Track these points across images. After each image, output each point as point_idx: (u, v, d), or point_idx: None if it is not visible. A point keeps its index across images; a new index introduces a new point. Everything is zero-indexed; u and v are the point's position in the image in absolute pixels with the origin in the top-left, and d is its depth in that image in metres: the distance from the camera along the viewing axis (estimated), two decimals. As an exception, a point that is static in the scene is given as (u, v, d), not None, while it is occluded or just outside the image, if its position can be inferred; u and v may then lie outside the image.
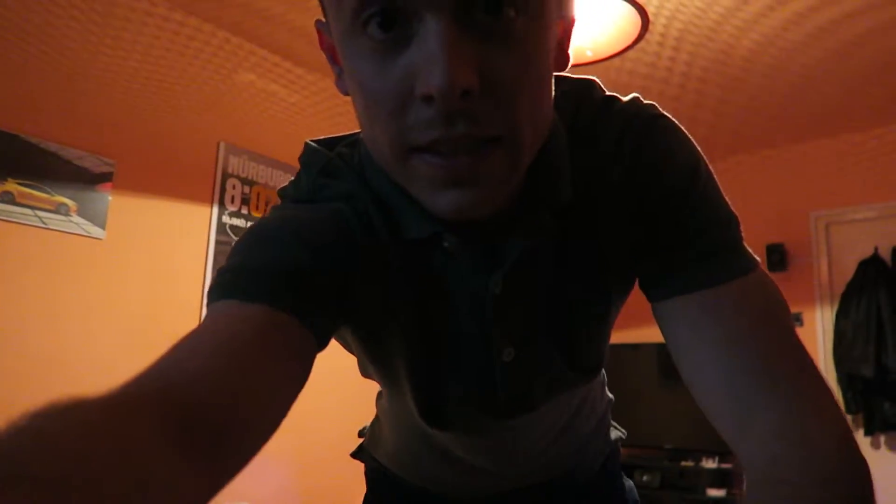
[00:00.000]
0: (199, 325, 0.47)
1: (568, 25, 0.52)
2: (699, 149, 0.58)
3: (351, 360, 0.90)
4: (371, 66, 0.43)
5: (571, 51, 0.53)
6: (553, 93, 0.51)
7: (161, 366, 0.43)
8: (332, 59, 0.52)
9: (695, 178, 0.56)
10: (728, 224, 0.56)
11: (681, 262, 0.54)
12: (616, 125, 0.55)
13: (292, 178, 0.64)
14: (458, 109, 0.41)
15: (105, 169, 2.46)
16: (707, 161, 0.58)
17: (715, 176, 0.59)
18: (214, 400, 0.39)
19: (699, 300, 0.53)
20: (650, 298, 0.57)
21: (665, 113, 0.58)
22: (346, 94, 0.50)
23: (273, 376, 0.44)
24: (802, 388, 0.49)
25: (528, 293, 0.57)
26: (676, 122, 0.58)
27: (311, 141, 0.66)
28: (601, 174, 0.55)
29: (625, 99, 0.58)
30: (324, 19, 0.50)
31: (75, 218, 2.37)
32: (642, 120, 0.56)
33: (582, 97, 0.57)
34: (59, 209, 2.33)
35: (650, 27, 2.72)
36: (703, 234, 0.54)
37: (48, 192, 2.31)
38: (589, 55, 2.89)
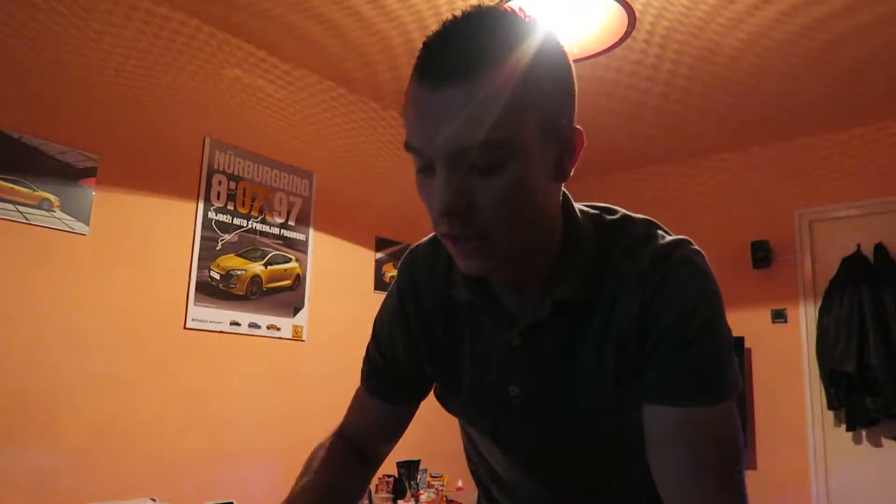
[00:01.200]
0: (358, 396, 0.96)
1: (567, 145, 0.71)
2: (715, 297, 0.74)
3: (340, 363, 1.01)
4: (424, 187, 0.70)
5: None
6: (554, 199, 0.74)
7: (345, 423, 0.96)
8: None
9: (697, 324, 0.71)
10: (712, 367, 0.71)
11: (663, 382, 0.71)
12: (651, 256, 0.74)
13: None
14: (452, 222, 0.66)
15: (88, 164, 2.43)
16: (719, 310, 0.73)
17: (720, 324, 0.73)
18: (360, 442, 0.94)
19: (670, 415, 0.70)
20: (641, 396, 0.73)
21: (697, 259, 0.76)
22: None
23: (380, 433, 0.95)
24: None
25: (538, 351, 0.77)
26: (704, 267, 0.76)
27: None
28: (625, 290, 0.73)
29: (669, 237, 0.77)
30: None
31: (58, 213, 2.34)
32: (674, 261, 0.74)
33: (625, 229, 0.78)
34: (41, 204, 2.30)
35: (637, 25, 2.73)
36: (689, 367, 0.70)
37: (30, 188, 2.28)
38: (576, 52, 2.90)
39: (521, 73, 0.64)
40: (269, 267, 3.00)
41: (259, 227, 2.99)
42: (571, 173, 0.72)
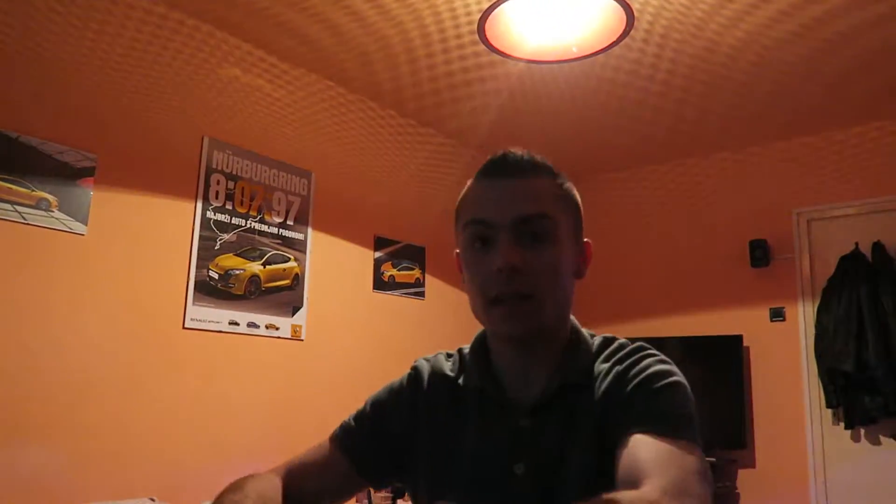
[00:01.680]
0: (318, 445, 0.98)
1: (584, 253, 0.92)
2: (681, 380, 0.85)
3: (339, 362, 0.99)
4: (477, 259, 0.86)
5: (561, 44, 0.73)
6: (572, 291, 0.89)
7: (291, 464, 0.96)
8: (461, 270, 0.93)
9: (664, 383, 0.82)
10: (681, 410, 0.81)
11: (634, 416, 0.79)
12: (628, 349, 0.90)
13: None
14: (510, 276, 0.82)
15: (87, 163, 2.43)
16: (685, 387, 0.85)
17: (687, 393, 0.85)
18: (294, 483, 0.93)
19: (637, 440, 0.76)
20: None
21: (664, 356, 0.88)
22: (461, 271, 0.92)
23: (320, 484, 0.95)
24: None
25: (543, 430, 0.85)
26: (672, 363, 0.87)
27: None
28: (611, 377, 0.86)
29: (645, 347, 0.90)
30: (457, 253, 0.94)
31: (56, 213, 2.34)
32: (646, 350, 0.88)
33: (614, 340, 0.93)
34: (39, 204, 2.30)
35: (635, 24, 2.73)
36: (659, 405, 0.80)
37: (28, 188, 2.28)
38: (574, 51, 2.90)
39: (561, 183, 0.90)
40: (267, 266, 3.00)
41: (257, 226, 2.98)
42: (585, 275, 0.92)
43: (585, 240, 0.93)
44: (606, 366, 0.88)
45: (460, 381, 0.94)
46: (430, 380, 0.96)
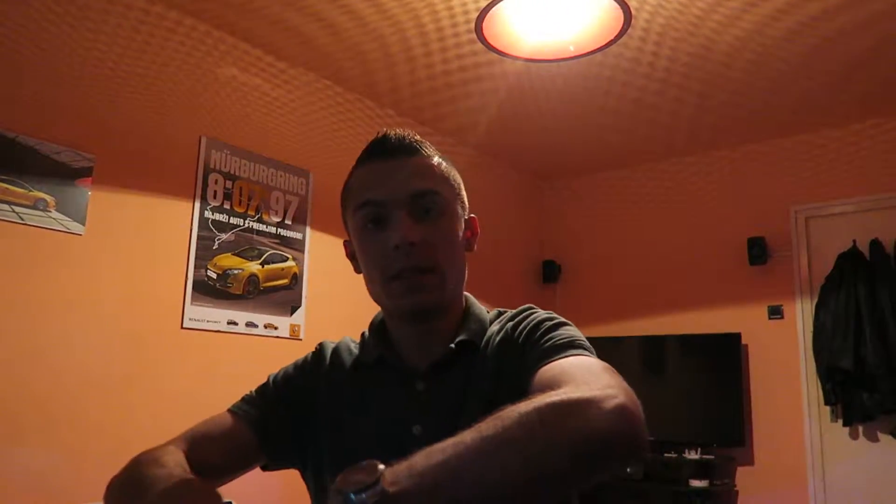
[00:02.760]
0: (219, 417, 0.98)
1: (472, 228, 0.95)
2: (560, 317, 0.90)
3: None
4: (372, 238, 0.87)
5: (558, 43, 0.76)
6: (465, 264, 0.92)
7: (190, 437, 0.95)
8: (353, 258, 0.96)
9: (551, 324, 0.87)
10: (566, 337, 0.83)
11: (535, 354, 0.82)
12: (515, 312, 0.94)
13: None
14: (409, 252, 0.83)
15: (84, 164, 2.43)
16: (571, 325, 0.88)
17: (572, 329, 0.87)
18: (197, 455, 0.90)
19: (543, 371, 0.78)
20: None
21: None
22: (352, 258, 0.96)
23: (224, 456, 0.93)
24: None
25: (439, 394, 0.88)
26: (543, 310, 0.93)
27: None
28: (502, 334, 0.91)
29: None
30: (349, 240, 0.96)
31: (54, 213, 2.33)
32: (527, 308, 0.94)
33: (504, 311, 0.98)
34: (37, 204, 2.30)
35: (632, 22, 2.73)
36: (554, 338, 0.83)
37: (26, 188, 2.27)
38: (572, 50, 2.90)
39: (440, 162, 0.91)
40: (266, 266, 3.00)
41: (256, 226, 2.98)
42: (474, 249, 0.95)
43: (472, 215, 0.96)
44: (496, 327, 0.92)
45: (361, 355, 0.97)
46: (332, 355, 0.99)
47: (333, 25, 2.82)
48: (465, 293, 0.96)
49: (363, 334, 1.01)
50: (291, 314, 3.07)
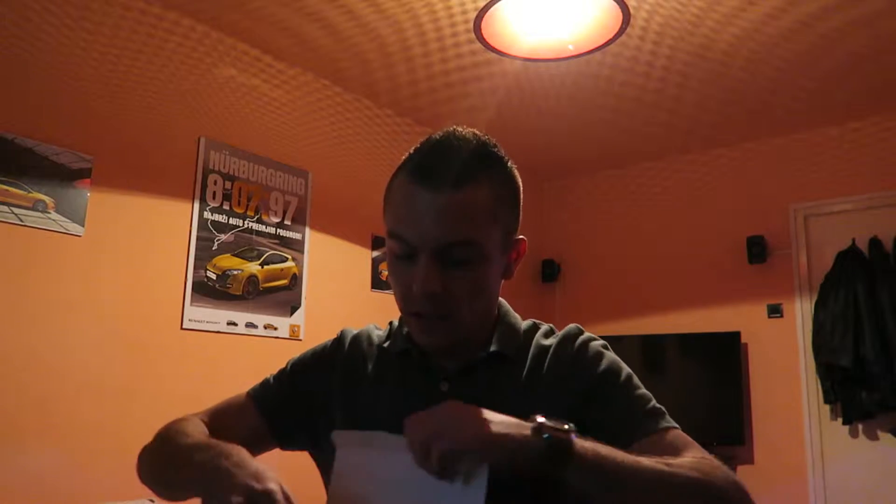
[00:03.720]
0: (237, 397, 1.01)
1: (516, 251, 0.89)
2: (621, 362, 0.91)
3: None
4: (399, 270, 0.83)
5: (557, 42, 0.73)
6: (497, 293, 0.90)
7: (212, 412, 0.98)
8: None
9: (621, 373, 0.88)
10: (650, 399, 0.87)
11: (626, 424, 0.83)
12: (561, 338, 0.92)
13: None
14: (429, 298, 0.80)
15: (83, 165, 2.43)
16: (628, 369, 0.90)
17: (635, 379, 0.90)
18: (215, 434, 0.89)
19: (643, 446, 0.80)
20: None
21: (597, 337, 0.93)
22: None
23: (237, 437, 0.86)
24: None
25: (463, 399, 0.84)
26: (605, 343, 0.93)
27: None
28: (551, 354, 0.90)
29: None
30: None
31: (53, 215, 2.33)
32: (584, 338, 0.92)
33: (540, 323, 0.97)
34: (36, 206, 2.30)
35: (631, 21, 2.73)
36: (636, 405, 0.86)
37: (25, 189, 2.27)
38: (571, 49, 2.90)
39: (495, 194, 0.82)
40: (265, 266, 2.99)
41: (255, 226, 2.98)
42: (514, 274, 0.91)
43: (520, 238, 0.90)
44: (534, 340, 0.91)
45: (385, 344, 0.95)
46: (352, 343, 0.98)
47: (332, 25, 2.82)
48: (500, 299, 0.94)
49: (391, 323, 1.00)
50: (291, 315, 3.07)
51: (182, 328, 2.66)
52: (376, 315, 3.64)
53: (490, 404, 0.84)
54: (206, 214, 2.80)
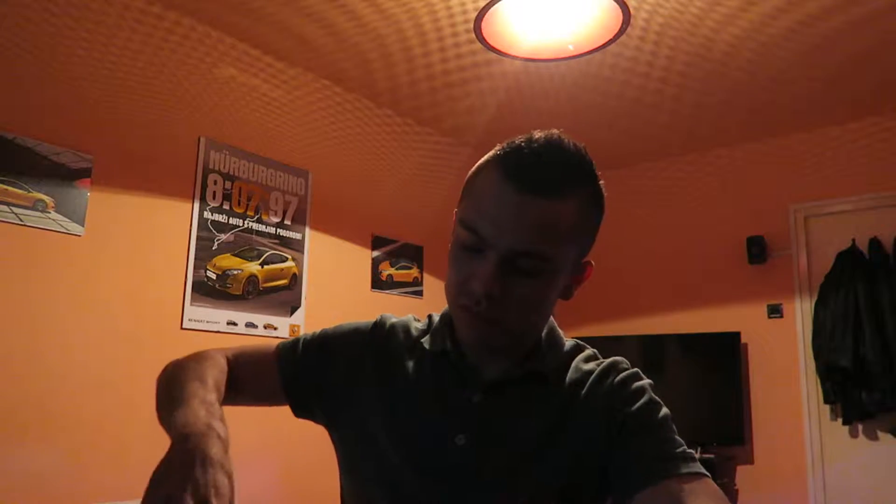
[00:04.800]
0: (266, 348, 0.99)
1: (581, 274, 0.85)
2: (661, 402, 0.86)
3: None
4: (461, 260, 0.80)
5: (557, 42, 0.70)
6: (551, 312, 0.87)
7: (239, 354, 0.97)
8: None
9: (658, 411, 0.84)
10: (681, 445, 0.81)
11: (655, 462, 0.78)
12: (605, 367, 0.88)
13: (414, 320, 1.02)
14: (486, 301, 0.76)
15: (83, 164, 2.43)
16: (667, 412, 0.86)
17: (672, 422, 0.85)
18: (233, 373, 0.93)
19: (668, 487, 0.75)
20: (626, 492, 0.78)
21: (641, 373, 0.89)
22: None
23: (254, 385, 0.97)
24: None
25: (495, 410, 0.85)
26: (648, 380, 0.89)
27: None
28: (590, 383, 0.86)
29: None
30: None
31: (53, 214, 2.33)
32: (628, 373, 0.88)
33: (584, 346, 0.94)
34: (36, 205, 2.30)
35: (631, 21, 2.73)
36: (668, 446, 0.80)
37: (25, 189, 2.27)
38: (571, 50, 2.90)
39: (582, 213, 0.79)
40: (265, 266, 2.99)
41: (255, 226, 2.98)
42: (573, 296, 0.86)
43: (589, 261, 0.86)
44: (574, 364, 0.89)
45: (424, 340, 0.92)
46: (390, 331, 0.96)
47: (332, 25, 2.82)
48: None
49: (430, 317, 0.97)
50: (291, 314, 3.07)
51: (182, 328, 2.66)
52: (376, 314, 3.64)
53: (522, 421, 0.83)
54: (206, 214, 2.80)
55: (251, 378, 0.95)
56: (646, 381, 0.87)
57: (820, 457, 3.60)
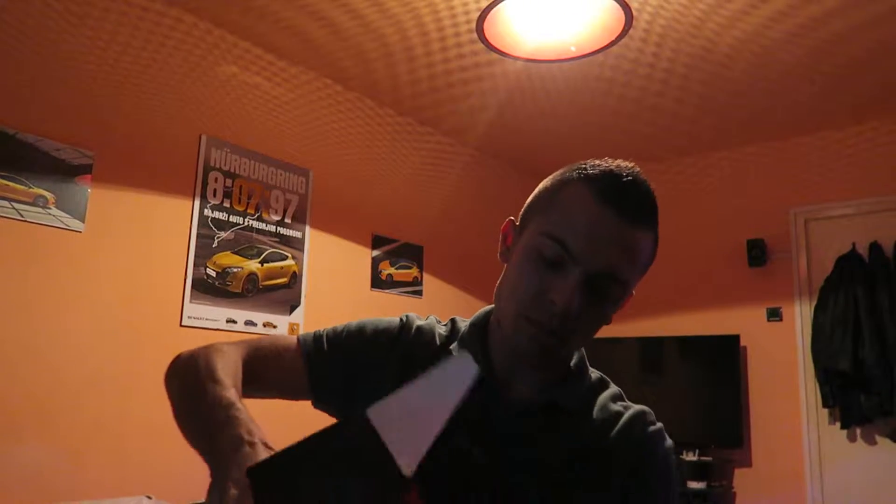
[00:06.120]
0: (286, 341, 0.95)
1: (625, 302, 0.86)
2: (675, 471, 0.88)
3: None
4: (536, 271, 0.79)
5: (559, 44, 0.72)
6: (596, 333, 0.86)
7: (255, 347, 0.91)
8: (504, 242, 0.89)
9: (672, 483, 0.86)
10: None
11: None
12: (634, 414, 0.88)
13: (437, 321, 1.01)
14: (560, 315, 0.77)
15: (84, 161, 2.43)
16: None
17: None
18: (248, 373, 0.86)
19: None
20: None
21: (667, 439, 0.88)
22: (504, 241, 0.89)
23: (275, 378, 0.93)
24: None
25: (515, 427, 0.85)
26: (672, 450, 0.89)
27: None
28: (621, 427, 0.86)
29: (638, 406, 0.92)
30: (517, 224, 0.88)
31: (54, 210, 2.33)
32: (655, 428, 0.88)
33: (608, 382, 0.95)
34: (36, 201, 2.30)
35: (633, 23, 2.73)
36: None
37: (26, 184, 2.27)
38: (573, 51, 2.90)
39: (654, 245, 0.85)
40: (265, 264, 2.99)
41: (255, 224, 2.98)
42: (611, 321, 0.87)
43: (633, 293, 0.88)
44: (599, 401, 0.89)
45: (452, 348, 0.91)
46: (416, 333, 0.95)
47: (334, 24, 2.82)
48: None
49: (455, 323, 0.97)
50: (290, 313, 3.07)
51: (181, 325, 2.66)
52: (375, 314, 3.63)
53: (541, 448, 0.84)
54: (207, 212, 2.80)
55: (275, 375, 0.92)
56: (670, 443, 0.88)
57: (818, 460, 3.60)
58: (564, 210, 0.80)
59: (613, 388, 0.93)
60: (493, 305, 0.90)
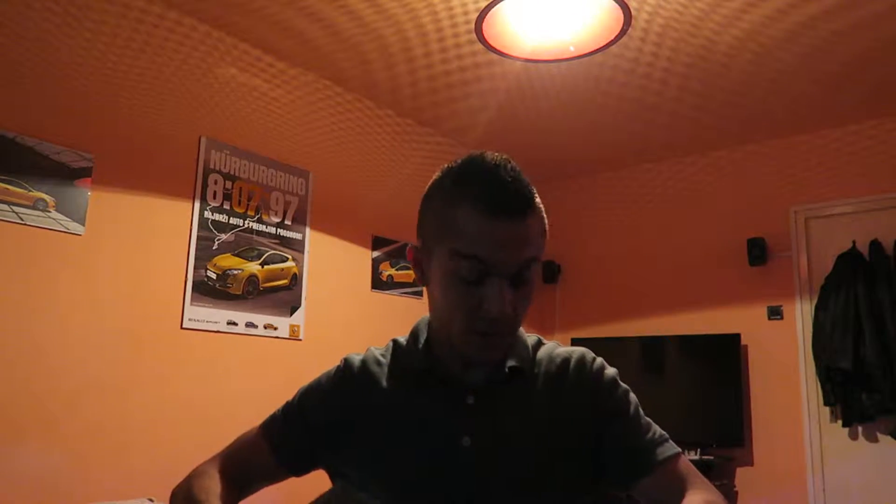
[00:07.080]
0: (248, 433, 1.04)
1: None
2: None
3: (332, 364, 0.96)
4: (463, 292, 0.84)
5: (558, 44, 0.80)
6: None
7: (226, 455, 1.02)
8: (419, 268, 0.93)
9: (631, 402, 0.96)
10: (654, 427, 0.95)
11: (640, 453, 0.91)
12: (580, 354, 0.98)
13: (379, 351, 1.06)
14: (502, 322, 0.84)
15: (84, 164, 2.43)
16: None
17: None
18: (229, 480, 0.96)
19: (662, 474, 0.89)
20: (628, 480, 0.91)
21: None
22: (416, 266, 0.93)
23: (251, 474, 1.00)
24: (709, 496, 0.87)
25: (491, 409, 0.91)
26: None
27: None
28: (562, 375, 0.96)
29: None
30: (420, 248, 0.92)
31: (54, 213, 2.33)
32: (598, 359, 0.99)
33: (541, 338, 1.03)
34: (36, 204, 2.30)
35: (632, 23, 2.73)
36: (646, 433, 0.93)
37: (25, 188, 2.27)
38: (572, 51, 2.90)
39: (543, 214, 0.89)
40: (265, 266, 2.99)
41: (255, 226, 2.98)
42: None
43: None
44: (543, 356, 0.97)
45: (407, 361, 0.97)
46: (360, 368, 1.00)
47: (333, 25, 2.82)
48: None
49: (395, 342, 1.02)
50: (291, 314, 3.07)
51: (182, 328, 2.66)
52: (376, 315, 3.66)
53: (517, 416, 0.91)
54: (207, 214, 2.80)
55: (246, 467, 0.99)
56: (614, 370, 0.98)
57: (819, 459, 3.60)
58: (463, 232, 0.84)
59: (550, 343, 1.02)
60: (427, 316, 0.98)
